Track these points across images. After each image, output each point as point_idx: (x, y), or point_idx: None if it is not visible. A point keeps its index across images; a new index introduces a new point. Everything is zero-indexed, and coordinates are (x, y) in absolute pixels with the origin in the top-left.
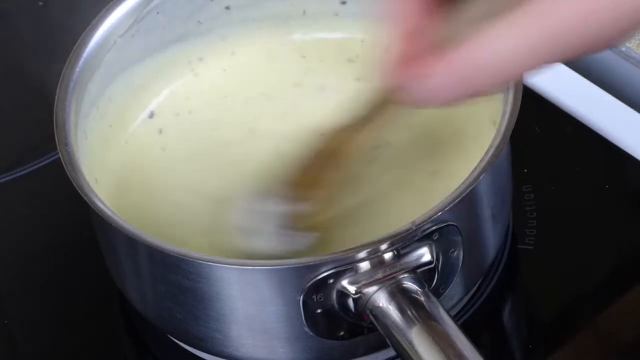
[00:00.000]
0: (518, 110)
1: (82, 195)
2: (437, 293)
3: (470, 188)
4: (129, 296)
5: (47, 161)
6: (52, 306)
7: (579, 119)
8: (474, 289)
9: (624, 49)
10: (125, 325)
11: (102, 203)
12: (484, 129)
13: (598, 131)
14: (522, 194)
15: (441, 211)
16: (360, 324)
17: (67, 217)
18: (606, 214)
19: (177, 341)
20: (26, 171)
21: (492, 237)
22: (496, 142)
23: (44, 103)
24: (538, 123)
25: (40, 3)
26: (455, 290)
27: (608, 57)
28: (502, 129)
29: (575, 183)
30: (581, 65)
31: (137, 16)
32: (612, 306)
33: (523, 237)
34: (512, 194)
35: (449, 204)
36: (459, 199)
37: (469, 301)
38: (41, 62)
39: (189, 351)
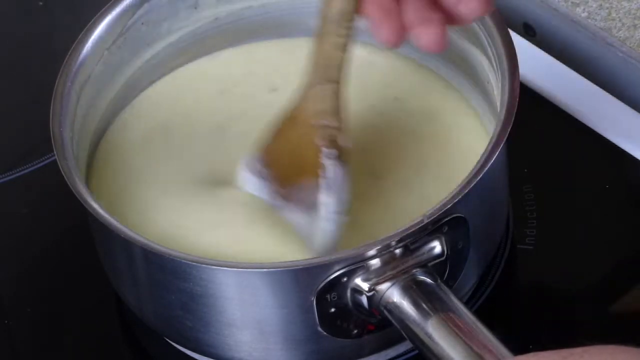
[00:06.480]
0: (517, 96)
1: (93, 213)
2: (448, 286)
3: (477, 179)
4: (129, 303)
5: (47, 161)
6: (52, 306)
7: (579, 119)
8: (474, 289)
9: (624, 49)
10: (122, 326)
11: (113, 218)
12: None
13: (598, 131)
14: (522, 194)
15: (451, 203)
16: (373, 321)
17: (66, 217)
18: (606, 214)
19: (173, 344)
20: (26, 171)
21: (495, 228)
22: (497, 132)
23: (44, 103)
24: (538, 123)
25: (40, 3)
26: (464, 282)
27: (608, 57)
28: (502, 119)
29: (575, 183)
30: (581, 65)
31: (122, 27)
32: (612, 306)
33: (523, 237)
34: (512, 194)
35: (458, 196)
36: (466, 191)
37: (468, 301)
38: (41, 62)
39: (186, 354)
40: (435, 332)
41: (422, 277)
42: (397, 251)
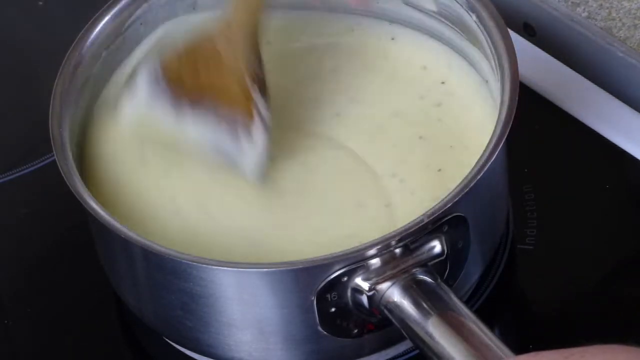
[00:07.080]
0: (517, 96)
1: (92, 213)
2: (448, 285)
3: (477, 179)
4: (129, 303)
5: (47, 161)
6: (52, 306)
7: (579, 119)
8: (474, 288)
9: (624, 49)
10: (122, 326)
11: (113, 218)
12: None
13: (598, 131)
14: (522, 194)
15: (451, 202)
16: (373, 321)
17: (66, 217)
18: (606, 214)
19: (173, 344)
20: (26, 171)
21: (495, 227)
22: (497, 131)
23: (44, 103)
24: (538, 123)
25: (40, 3)
26: (464, 282)
27: (608, 57)
28: (502, 118)
29: (575, 183)
30: (581, 65)
31: (121, 28)
32: (612, 306)
33: (523, 237)
34: (512, 194)
35: (458, 195)
36: (466, 190)
37: (468, 300)
38: (41, 62)
39: (186, 354)
40: (436, 331)
41: (422, 277)
42: (397, 250)
